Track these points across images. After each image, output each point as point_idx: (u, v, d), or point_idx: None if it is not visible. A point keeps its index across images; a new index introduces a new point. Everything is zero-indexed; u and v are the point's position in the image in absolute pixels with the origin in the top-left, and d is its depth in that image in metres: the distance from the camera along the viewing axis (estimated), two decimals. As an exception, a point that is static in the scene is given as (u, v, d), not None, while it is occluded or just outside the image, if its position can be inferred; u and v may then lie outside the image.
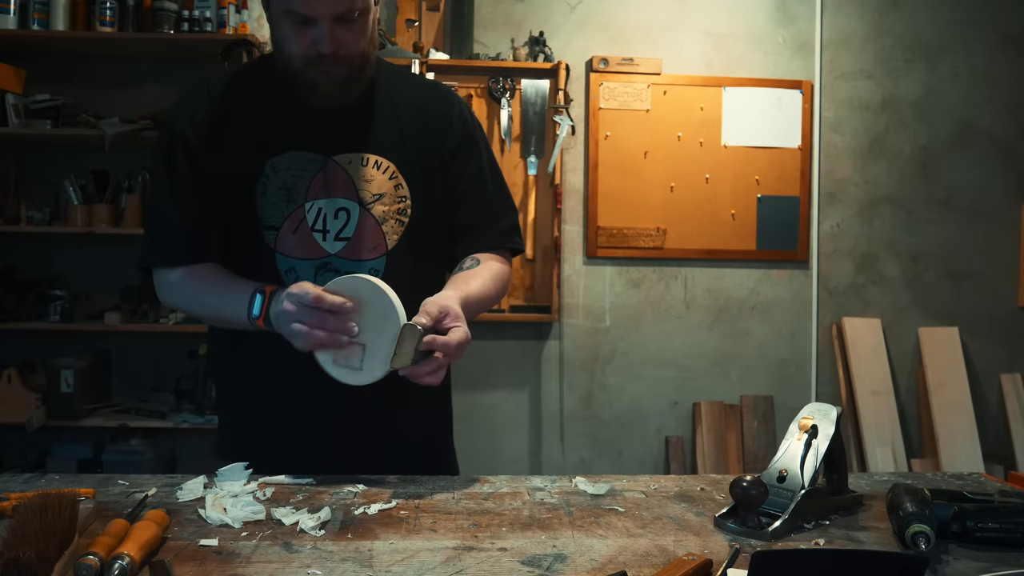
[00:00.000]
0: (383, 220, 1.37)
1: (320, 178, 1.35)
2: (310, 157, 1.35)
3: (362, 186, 1.36)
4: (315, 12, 1.24)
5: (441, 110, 1.45)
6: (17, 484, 1.19)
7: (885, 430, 3.55)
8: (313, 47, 1.27)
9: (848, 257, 3.71)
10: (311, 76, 1.30)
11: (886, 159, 3.72)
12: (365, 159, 1.37)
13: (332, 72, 1.30)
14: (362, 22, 1.29)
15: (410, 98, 1.44)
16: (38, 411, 3.10)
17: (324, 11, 1.24)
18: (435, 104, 1.45)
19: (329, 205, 1.35)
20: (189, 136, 1.35)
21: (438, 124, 1.43)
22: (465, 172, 1.44)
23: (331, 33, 1.26)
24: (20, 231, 3.26)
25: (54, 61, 3.40)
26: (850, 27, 3.69)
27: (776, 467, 1.11)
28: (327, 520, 1.04)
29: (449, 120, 1.44)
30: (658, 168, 3.57)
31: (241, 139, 1.35)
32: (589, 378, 3.62)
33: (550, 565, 0.92)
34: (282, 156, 1.35)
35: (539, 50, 3.49)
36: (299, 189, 1.34)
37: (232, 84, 1.42)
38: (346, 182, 1.36)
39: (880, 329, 3.68)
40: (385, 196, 1.37)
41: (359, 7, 1.27)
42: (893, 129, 3.71)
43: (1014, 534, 0.99)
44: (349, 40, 1.28)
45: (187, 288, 1.35)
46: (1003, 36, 3.73)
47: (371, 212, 1.36)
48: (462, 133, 1.45)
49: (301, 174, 1.35)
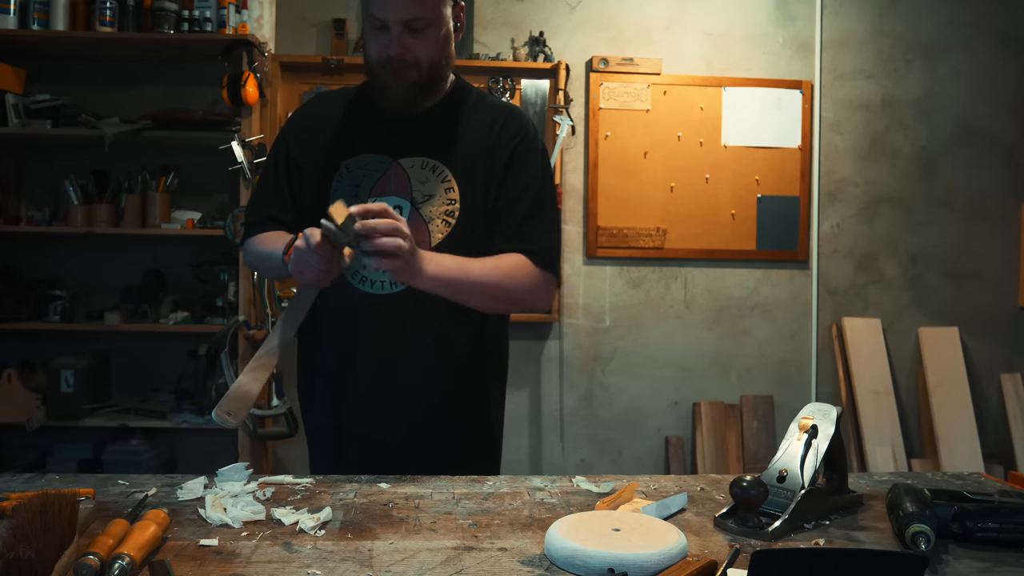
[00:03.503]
0: (430, 219, 1.47)
1: (384, 178, 1.49)
2: (379, 159, 1.50)
3: (416, 187, 1.49)
4: (385, 15, 1.40)
5: (501, 126, 1.53)
6: (17, 484, 1.19)
7: (885, 430, 3.55)
8: (384, 50, 1.43)
9: (848, 257, 3.71)
10: (384, 77, 1.45)
11: (886, 159, 3.72)
12: (424, 163, 1.50)
13: (401, 75, 1.44)
14: (431, 33, 1.43)
15: (479, 115, 1.54)
16: (38, 411, 3.10)
17: (393, 16, 1.40)
18: (498, 122, 1.53)
19: (389, 202, 1.45)
20: (290, 138, 1.58)
21: (495, 138, 1.52)
22: (509, 189, 1.51)
23: (399, 38, 1.41)
24: (20, 231, 3.26)
25: (54, 61, 3.40)
26: (850, 27, 3.69)
27: (776, 467, 1.11)
28: (327, 520, 1.04)
29: (505, 135, 1.52)
30: (658, 168, 3.57)
31: (326, 143, 1.54)
32: (589, 378, 3.62)
33: (550, 565, 0.92)
34: (355, 158, 1.51)
35: (539, 50, 3.49)
36: (365, 187, 1.49)
37: (330, 97, 1.63)
38: (405, 182, 1.49)
39: (880, 329, 3.68)
40: (435, 198, 1.48)
41: (427, 17, 1.41)
42: (893, 129, 3.71)
43: (1014, 534, 0.99)
44: (416, 47, 1.43)
45: (251, 249, 1.56)
46: (1003, 36, 3.73)
47: (420, 211, 1.48)
48: (513, 150, 1.52)
49: (369, 173, 1.50)
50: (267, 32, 3.33)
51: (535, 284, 1.49)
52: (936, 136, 3.72)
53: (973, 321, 3.72)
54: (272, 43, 3.37)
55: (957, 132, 3.73)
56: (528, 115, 1.66)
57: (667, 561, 0.89)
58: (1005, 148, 3.74)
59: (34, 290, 3.31)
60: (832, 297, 3.70)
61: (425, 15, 1.40)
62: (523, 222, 1.49)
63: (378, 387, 1.47)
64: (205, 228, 3.23)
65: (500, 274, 1.45)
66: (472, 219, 1.48)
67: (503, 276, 1.45)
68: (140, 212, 3.25)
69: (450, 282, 1.39)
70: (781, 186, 3.63)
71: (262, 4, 3.27)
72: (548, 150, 1.64)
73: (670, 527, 0.97)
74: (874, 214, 3.71)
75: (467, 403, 1.53)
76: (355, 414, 1.49)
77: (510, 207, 1.50)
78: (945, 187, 3.73)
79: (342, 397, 1.50)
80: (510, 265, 1.46)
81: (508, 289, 1.46)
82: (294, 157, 1.56)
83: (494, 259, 1.46)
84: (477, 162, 1.50)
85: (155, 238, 3.30)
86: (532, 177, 1.52)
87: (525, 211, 1.50)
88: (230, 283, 3.23)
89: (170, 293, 3.36)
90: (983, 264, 3.74)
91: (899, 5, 3.70)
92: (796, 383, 3.68)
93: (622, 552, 0.89)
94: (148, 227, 3.24)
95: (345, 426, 1.50)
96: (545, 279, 1.51)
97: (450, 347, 1.48)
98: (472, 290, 1.43)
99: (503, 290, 1.46)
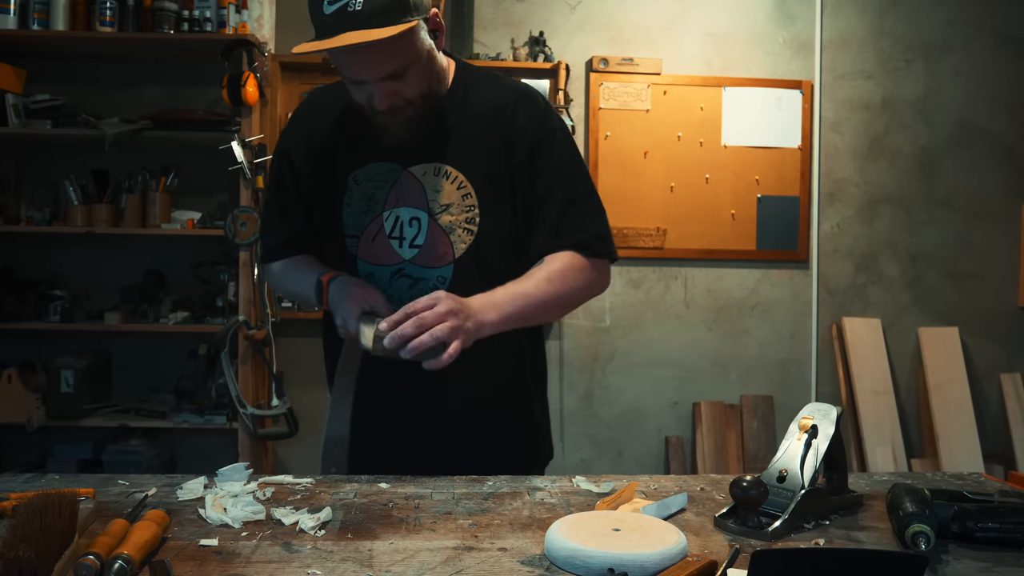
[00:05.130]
0: (450, 230, 1.39)
1: (397, 188, 1.40)
2: (388, 167, 1.41)
3: (432, 196, 1.40)
4: (359, 78, 1.29)
5: (513, 113, 1.42)
6: (17, 484, 1.19)
7: (885, 430, 3.55)
8: (370, 102, 1.31)
9: (848, 257, 3.71)
10: (379, 120, 1.34)
11: (886, 159, 3.72)
12: (436, 169, 1.40)
13: (397, 115, 1.33)
14: (414, 71, 1.30)
15: (485, 105, 1.43)
16: (38, 411, 3.10)
17: (366, 76, 1.28)
18: (508, 109, 1.42)
19: (405, 213, 1.40)
20: (291, 152, 1.48)
21: (508, 129, 1.41)
22: (537, 183, 1.41)
23: (383, 91, 1.29)
24: (20, 231, 3.26)
25: (54, 61, 3.40)
26: (850, 27, 3.69)
27: (776, 467, 1.11)
28: (327, 520, 1.04)
29: (519, 124, 1.41)
30: (658, 168, 3.57)
31: (330, 153, 1.44)
32: (589, 378, 3.62)
33: (550, 565, 0.92)
34: (363, 168, 1.42)
35: (539, 50, 3.49)
36: (378, 199, 1.41)
37: (324, 97, 1.51)
38: (419, 192, 1.40)
39: (880, 329, 3.68)
40: (453, 206, 1.39)
41: (404, 63, 1.28)
42: (893, 129, 3.71)
43: (1014, 534, 0.99)
44: (405, 90, 1.31)
45: (277, 276, 1.53)
46: (1003, 36, 3.73)
47: (438, 222, 1.39)
48: (532, 140, 1.41)
49: (380, 184, 1.41)
50: (267, 32, 3.33)
51: (592, 279, 1.41)
52: (936, 136, 3.72)
53: (973, 321, 3.72)
54: (272, 43, 3.37)
55: (957, 132, 3.73)
56: (538, 92, 1.51)
57: (667, 561, 0.89)
58: (1005, 148, 3.74)
59: (34, 290, 3.31)
60: (832, 297, 3.70)
61: (403, 63, 1.28)
62: (561, 214, 1.40)
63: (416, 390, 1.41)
64: (205, 228, 3.23)
65: (557, 284, 1.36)
66: (496, 222, 1.40)
67: (561, 284, 1.37)
68: (140, 212, 3.25)
69: (514, 317, 1.32)
70: (781, 186, 3.63)
71: (262, 4, 3.27)
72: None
73: (670, 527, 0.97)
74: (874, 214, 3.71)
75: (507, 397, 1.48)
76: (396, 417, 1.44)
77: (543, 202, 1.40)
78: (945, 187, 3.73)
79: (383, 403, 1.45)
80: (562, 268, 1.37)
81: (569, 295, 1.39)
82: (299, 171, 1.47)
83: (544, 268, 1.37)
84: (492, 160, 1.41)
85: (155, 238, 3.30)
86: (558, 164, 1.42)
87: (560, 202, 1.40)
88: (230, 283, 3.24)
89: (170, 293, 3.36)
90: (983, 264, 3.74)
91: (899, 5, 3.70)
92: (796, 383, 3.68)
93: (622, 552, 0.89)
94: (148, 227, 3.24)
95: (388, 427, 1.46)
96: (600, 267, 1.43)
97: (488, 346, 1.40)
98: (537, 313, 1.36)
99: (565, 297, 1.39)
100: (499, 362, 1.44)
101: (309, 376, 3.34)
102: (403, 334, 1.20)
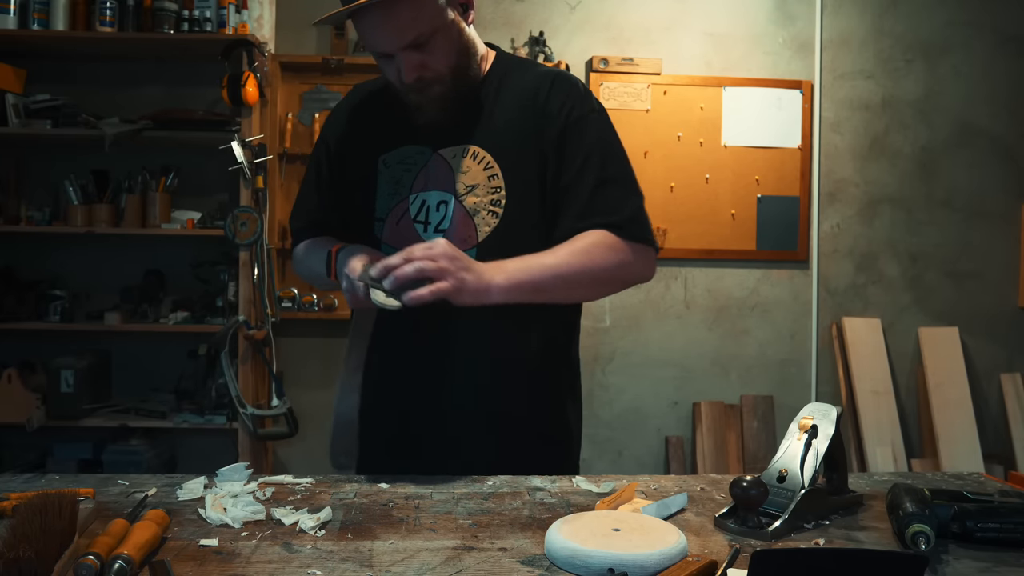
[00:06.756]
0: (474, 212, 1.36)
1: (425, 172, 1.39)
2: (419, 150, 1.41)
3: (458, 178, 1.37)
4: (382, 48, 1.30)
5: (546, 97, 1.39)
6: (17, 484, 1.19)
7: (885, 430, 3.55)
8: (398, 76, 1.32)
9: (848, 257, 3.71)
10: (411, 99, 1.35)
11: (886, 159, 3.72)
12: (465, 150, 1.38)
13: (426, 92, 1.33)
14: (439, 40, 1.30)
15: (519, 90, 1.41)
16: (38, 411, 3.10)
17: (389, 46, 1.29)
18: (542, 92, 1.40)
19: (432, 197, 1.38)
20: (329, 139, 1.50)
21: (541, 112, 1.39)
22: (569, 164, 1.37)
23: (407, 62, 1.29)
24: (20, 231, 3.26)
25: (54, 61, 3.40)
26: (850, 27, 3.69)
27: (776, 467, 1.11)
28: (327, 520, 1.04)
29: (552, 106, 1.39)
30: (658, 168, 3.57)
31: (364, 138, 1.46)
32: (589, 378, 3.62)
33: (550, 565, 0.92)
34: (394, 152, 1.42)
35: (539, 50, 3.49)
36: (405, 182, 1.40)
37: (366, 88, 1.52)
38: (447, 174, 1.38)
39: (880, 329, 3.68)
40: (478, 187, 1.36)
41: (426, 31, 1.28)
42: (893, 129, 3.71)
43: (1014, 534, 0.99)
44: (430, 61, 1.31)
45: (299, 259, 1.52)
46: (1003, 36, 3.73)
47: (463, 204, 1.36)
48: (564, 121, 1.38)
49: (409, 167, 1.41)
50: (267, 32, 3.33)
51: (623, 258, 1.34)
52: (936, 136, 3.72)
53: (973, 321, 3.72)
54: (272, 43, 3.37)
55: (957, 132, 3.73)
56: (576, 77, 1.48)
57: (667, 561, 0.89)
58: (1005, 148, 3.74)
59: (34, 290, 3.31)
60: (832, 297, 3.70)
61: (424, 30, 1.27)
62: (593, 194, 1.35)
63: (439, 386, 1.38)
64: (205, 228, 3.23)
65: (580, 257, 1.30)
66: (523, 205, 1.36)
67: (584, 258, 1.30)
68: (140, 212, 3.25)
69: (527, 284, 1.26)
70: (781, 186, 3.63)
71: (262, 4, 3.27)
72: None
73: (670, 527, 0.97)
74: (874, 214, 3.71)
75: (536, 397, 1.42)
76: (420, 409, 1.40)
77: (575, 183, 1.35)
78: (945, 187, 3.73)
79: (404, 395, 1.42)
80: (587, 244, 1.31)
81: (595, 272, 1.32)
82: (335, 157, 1.48)
83: (569, 243, 1.31)
84: (522, 140, 1.37)
85: (155, 238, 3.30)
86: (592, 144, 1.38)
87: (593, 182, 1.35)
88: (230, 283, 3.24)
89: (170, 293, 3.36)
90: (983, 264, 3.74)
91: (899, 5, 3.70)
92: (796, 383, 3.68)
93: (622, 552, 0.89)
94: (148, 227, 3.24)
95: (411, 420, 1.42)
96: (635, 249, 1.36)
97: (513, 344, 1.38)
98: (556, 287, 1.29)
99: (590, 274, 1.31)
100: (523, 361, 1.39)
101: (309, 376, 3.35)
102: (388, 264, 1.18)
